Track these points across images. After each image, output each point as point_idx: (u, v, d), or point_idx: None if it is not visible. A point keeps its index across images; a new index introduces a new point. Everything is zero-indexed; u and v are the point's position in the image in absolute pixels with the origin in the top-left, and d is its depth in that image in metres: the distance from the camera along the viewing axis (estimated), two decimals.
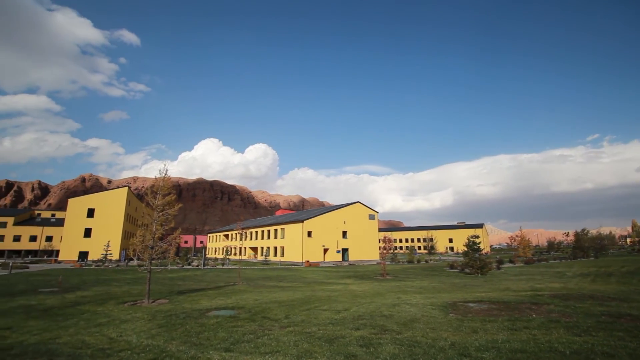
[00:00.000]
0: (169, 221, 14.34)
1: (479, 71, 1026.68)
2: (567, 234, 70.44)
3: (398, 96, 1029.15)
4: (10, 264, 32.26)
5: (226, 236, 79.71)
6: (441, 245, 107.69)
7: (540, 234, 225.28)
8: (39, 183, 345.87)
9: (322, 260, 51.35)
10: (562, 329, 6.95)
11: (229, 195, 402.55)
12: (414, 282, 21.19)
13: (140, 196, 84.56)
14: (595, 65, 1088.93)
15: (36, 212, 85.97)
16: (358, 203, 60.06)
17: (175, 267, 38.28)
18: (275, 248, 57.14)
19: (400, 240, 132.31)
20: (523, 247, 48.55)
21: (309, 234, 51.47)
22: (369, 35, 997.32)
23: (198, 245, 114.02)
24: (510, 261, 44.29)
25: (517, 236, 50.94)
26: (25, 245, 73.02)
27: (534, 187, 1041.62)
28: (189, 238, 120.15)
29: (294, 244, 52.07)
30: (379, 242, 57.67)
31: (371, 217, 60.46)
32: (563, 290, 13.53)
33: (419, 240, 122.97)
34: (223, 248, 76.40)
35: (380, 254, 30.10)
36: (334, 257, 53.30)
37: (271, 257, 55.88)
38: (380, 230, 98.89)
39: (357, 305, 10.96)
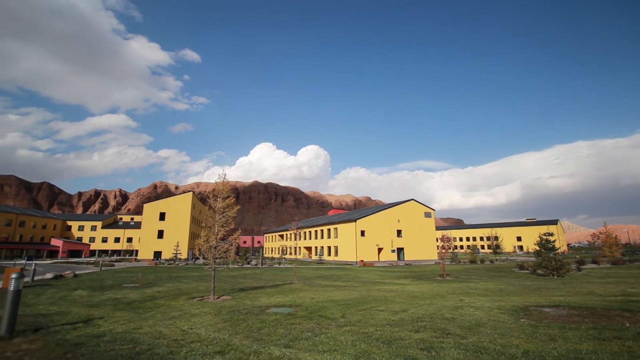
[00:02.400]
0: (229, 222, 15.22)
1: (548, 48, 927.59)
2: None
3: (453, 86, 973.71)
4: (101, 262, 37.14)
5: (281, 236, 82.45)
6: (508, 244, 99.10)
7: (632, 231, 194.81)
8: (120, 191, 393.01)
9: (377, 260, 50.52)
10: None
11: (282, 197, 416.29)
12: (477, 284, 19.77)
13: (203, 200, 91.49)
14: None
15: (118, 216, 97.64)
16: (412, 200, 58.02)
17: (236, 266, 40.59)
18: (329, 247, 57.61)
19: (461, 239, 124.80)
20: (609, 245, 42.56)
21: (362, 233, 50.99)
22: (420, 37, 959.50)
23: (256, 245, 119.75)
24: (594, 261, 39.08)
25: (600, 233, 44.90)
26: (111, 245, 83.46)
27: (622, 176, 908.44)
28: (247, 238, 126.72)
29: (348, 244, 51.99)
30: (437, 240, 55.04)
31: (427, 214, 57.95)
32: None
33: (481, 238, 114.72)
34: (279, 248, 79.19)
35: (438, 253, 28.64)
36: (388, 256, 52.12)
37: (325, 257, 56.46)
38: (438, 228, 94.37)
39: (416, 306, 10.53)
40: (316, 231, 63.77)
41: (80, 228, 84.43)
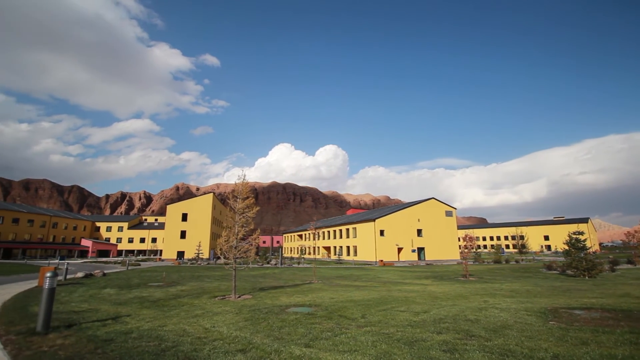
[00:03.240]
0: (249, 223, 15.43)
1: (574, 42, 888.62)
2: None
3: (474, 84, 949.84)
4: (127, 262, 38.57)
5: (300, 236, 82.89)
6: (535, 244, 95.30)
7: None
8: (144, 193, 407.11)
9: (397, 260, 49.90)
10: None
11: (301, 197, 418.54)
12: (502, 285, 19.14)
13: (223, 200, 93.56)
14: None
15: (143, 217, 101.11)
16: (433, 199, 56.94)
17: (256, 266, 41.12)
18: (348, 247, 57.40)
19: (484, 239, 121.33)
20: None
21: (382, 232, 50.50)
22: (437, 36, 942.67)
23: (275, 245, 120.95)
24: (629, 261, 36.97)
25: (636, 232, 42.33)
26: (136, 245, 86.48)
27: None
28: (267, 238, 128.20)
29: (367, 243, 51.62)
30: (459, 240, 53.75)
31: (448, 213, 56.71)
32: None
33: (506, 237, 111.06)
34: (298, 247, 79.67)
35: (460, 253, 27.94)
36: (409, 256, 51.37)
37: (344, 257, 56.29)
38: (459, 227, 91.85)
39: (438, 307, 10.32)
40: (335, 231, 63.68)
41: (108, 229, 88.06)
